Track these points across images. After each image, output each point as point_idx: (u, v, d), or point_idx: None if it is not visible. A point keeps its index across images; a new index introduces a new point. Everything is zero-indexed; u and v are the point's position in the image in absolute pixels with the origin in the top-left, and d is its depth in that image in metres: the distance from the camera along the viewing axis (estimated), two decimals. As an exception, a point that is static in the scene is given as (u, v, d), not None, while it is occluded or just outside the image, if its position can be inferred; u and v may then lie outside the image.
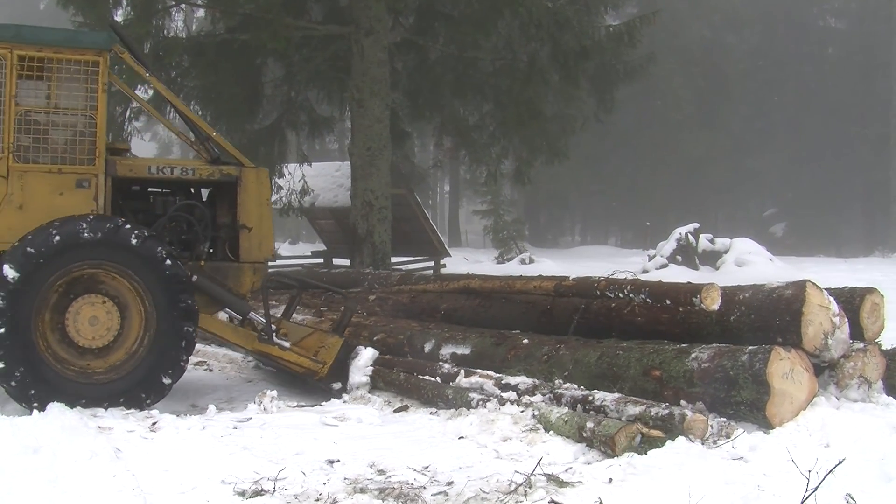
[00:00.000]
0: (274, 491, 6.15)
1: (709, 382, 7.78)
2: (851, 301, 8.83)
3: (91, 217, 9.23)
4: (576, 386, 8.51)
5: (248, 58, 21.31)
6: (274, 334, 10.39)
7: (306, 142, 30.62)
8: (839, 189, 57.61)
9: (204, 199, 10.88)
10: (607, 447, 7.13)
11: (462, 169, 52.54)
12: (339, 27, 20.67)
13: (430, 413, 8.92)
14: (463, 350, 10.51)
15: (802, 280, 8.44)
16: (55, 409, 8.24)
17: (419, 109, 24.65)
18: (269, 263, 10.97)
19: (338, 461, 7.00)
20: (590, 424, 7.41)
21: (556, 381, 8.70)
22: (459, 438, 7.89)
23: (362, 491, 6.22)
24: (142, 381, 9.27)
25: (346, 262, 23.99)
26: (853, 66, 57.42)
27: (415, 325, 11.76)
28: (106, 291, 9.34)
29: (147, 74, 10.64)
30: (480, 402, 8.70)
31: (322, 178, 28.11)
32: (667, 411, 7.37)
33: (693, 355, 8.10)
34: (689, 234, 31.28)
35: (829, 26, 64.92)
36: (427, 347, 10.89)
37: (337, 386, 10.38)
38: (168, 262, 9.32)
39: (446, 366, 10.01)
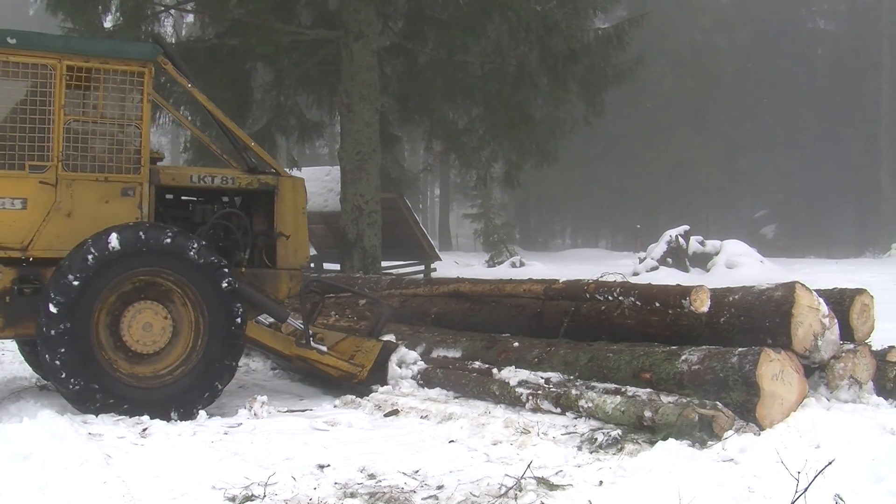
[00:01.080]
0: (264, 496, 6.13)
1: (699, 384, 7.79)
2: (841, 302, 8.84)
3: (148, 225, 9.42)
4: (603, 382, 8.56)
5: (238, 63, 21.32)
6: (311, 339, 10.59)
7: (296, 146, 30.55)
8: (830, 190, 57.76)
9: (237, 207, 11.03)
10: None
11: (452, 173, 52.54)
12: (329, 32, 20.67)
13: (421, 417, 8.91)
14: (453, 353, 10.53)
15: (792, 281, 8.45)
16: (45, 415, 8.21)
17: (409, 113, 24.66)
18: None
19: (328, 466, 6.98)
20: (648, 413, 7.48)
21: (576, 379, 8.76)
22: (450, 442, 7.87)
23: (352, 496, 6.21)
24: (191, 387, 9.40)
25: (337, 266, 23.98)
26: (843, 68, 57.64)
27: (405, 329, 11.77)
28: (159, 299, 9.50)
29: (189, 85, 10.79)
30: (530, 397, 8.72)
31: (312, 182, 27.95)
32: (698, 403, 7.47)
33: (683, 357, 8.11)
34: (680, 237, 31.33)
35: (819, 28, 65.18)
36: (418, 351, 10.88)
37: (377, 388, 10.46)
38: (221, 271, 9.50)
39: (476, 363, 10.08)
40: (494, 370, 9.52)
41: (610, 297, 9.53)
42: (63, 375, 8.87)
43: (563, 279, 10.62)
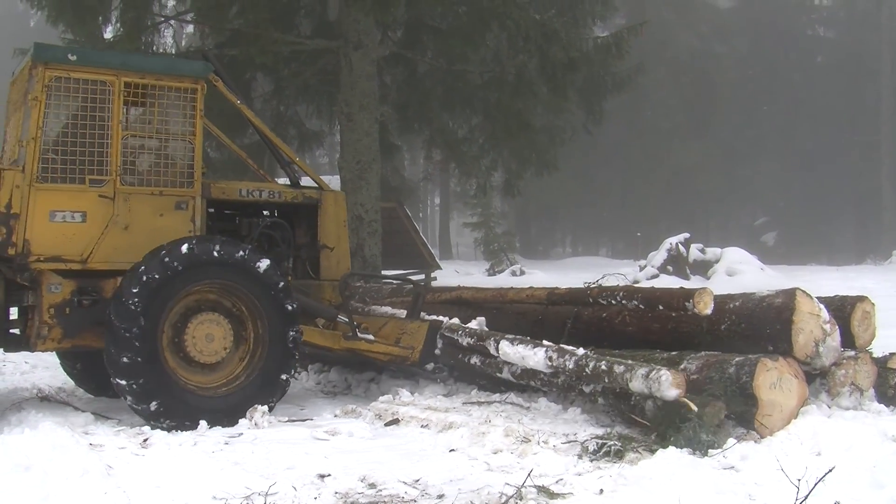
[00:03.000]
0: (265, 506, 6.14)
1: (698, 394, 7.79)
2: (842, 309, 8.85)
3: (223, 240, 9.68)
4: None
5: (238, 73, 21.27)
6: (357, 330, 10.83)
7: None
8: (830, 197, 57.68)
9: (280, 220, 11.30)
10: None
11: (452, 181, 52.50)
12: (328, 41, 20.66)
13: (422, 426, 8.90)
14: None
15: (792, 288, 8.47)
16: (46, 426, 8.21)
17: (408, 122, 24.64)
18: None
19: (329, 475, 6.98)
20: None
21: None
22: (450, 451, 7.87)
23: (353, 505, 6.22)
24: (252, 396, 9.66)
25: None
26: (842, 75, 57.61)
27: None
28: (223, 310, 9.78)
29: (238, 102, 11.15)
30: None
31: (312, 192, 28.04)
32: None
33: (682, 366, 8.12)
34: (680, 244, 31.25)
35: (818, 35, 65.14)
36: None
37: (430, 367, 10.84)
38: (283, 285, 9.82)
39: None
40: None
41: (613, 302, 9.56)
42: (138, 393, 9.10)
43: (566, 286, 10.66)
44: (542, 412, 9.11)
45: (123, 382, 9.03)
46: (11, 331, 10.03)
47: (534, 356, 9.04)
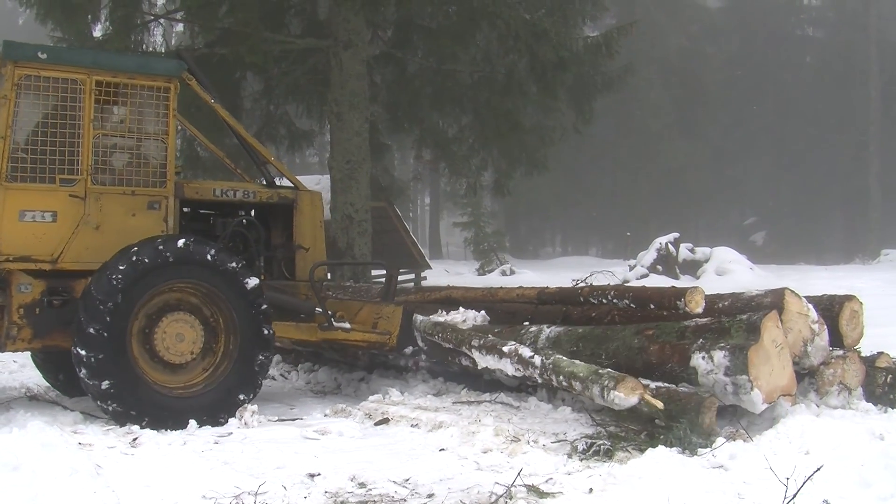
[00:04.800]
0: (255, 505, 6.13)
1: (701, 334, 8.00)
2: (831, 308, 8.87)
3: (193, 239, 9.58)
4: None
5: (227, 72, 21.25)
6: (332, 319, 10.79)
7: (286, 155, 30.61)
8: (819, 197, 57.92)
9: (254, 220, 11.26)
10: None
11: (442, 181, 52.57)
12: (318, 41, 20.65)
13: (412, 426, 8.90)
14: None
15: (781, 288, 8.49)
16: (35, 425, 8.18)
17: (398, 122, 24.63)
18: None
19: (319, 475, 6.97)
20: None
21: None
22: (440, 450, 7.87)
23: (343, 504, 6.22)
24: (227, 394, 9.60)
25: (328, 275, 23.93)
26: (831, 75, 57.84)
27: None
28: (191, 310, 9.69)
29: (212, 101, 11.01)
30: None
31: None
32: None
33: (688, 322, 8.35)
34: (670, 244, 31.34)
35: (807, 35, 65.39)
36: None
37: (409, 351, 10.89)
38: (253, 286, 9.71)
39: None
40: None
41: (604, 301, 9.59)
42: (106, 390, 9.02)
43: (556, 286, 10.70)
44: (531, 411, 9.11)
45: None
46: None
47: (503, 365, 9.22)
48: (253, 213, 11.26)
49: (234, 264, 9.59)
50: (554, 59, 20.63)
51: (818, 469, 5.80)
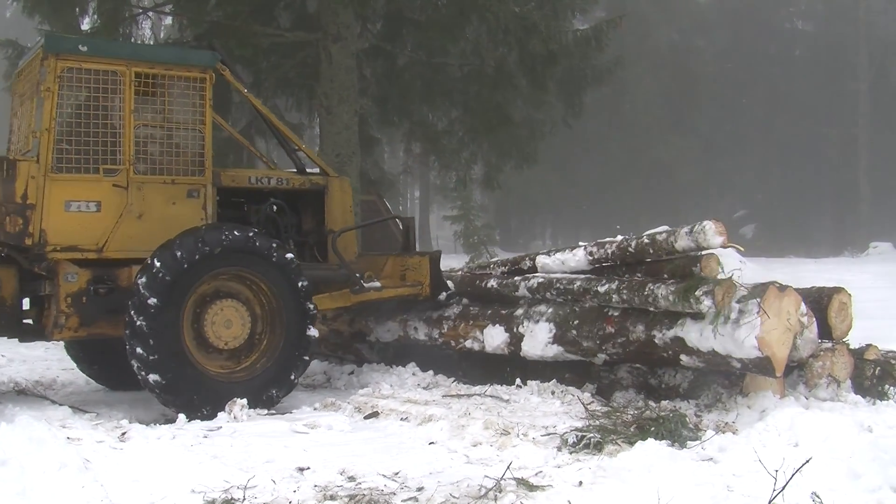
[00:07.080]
0: (244, 499, 6.12)
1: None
2: (819, 301, 8.90)
3: (233, 227, 9.80)
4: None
5: (216, 65, 21.19)
6: (361, 281, 11.11)
7: (276, 149, 30.49)
8: (809, 190, 57.93)
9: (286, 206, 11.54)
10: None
11: (432, 174, 52.42)
12: (307, 34, 20.59)
13: (401, 419, 8.91)
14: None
15: (769, 281, 8.50)
16: (23, 420, 8.18)
17: (388, 115, 24.57)
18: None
19: (308, 468, 6.97)
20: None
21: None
22: (430, 444, 7.89)
23: (332, 498, 6.20)
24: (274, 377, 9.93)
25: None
26: (821, 68, 57.81)
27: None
28: (238, 297, 9.94)
29: (245, 91, 11.50)
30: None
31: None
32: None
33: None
34: (660, 237, 31.31)
35: (797, 28, 65.33)
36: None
37: (443, 296, 11.27)
38: (297, 273, 10.00)
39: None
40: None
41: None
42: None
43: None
44: (521, 405, 9.13)
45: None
46: (24, 321, 10.13)
47: (573, 257, 9.97)
48: (285, 200, 11.48)
49: (290, 257, 9.91)
50: (544, 53, 20.59)
51: (807, 461, 5.81)
